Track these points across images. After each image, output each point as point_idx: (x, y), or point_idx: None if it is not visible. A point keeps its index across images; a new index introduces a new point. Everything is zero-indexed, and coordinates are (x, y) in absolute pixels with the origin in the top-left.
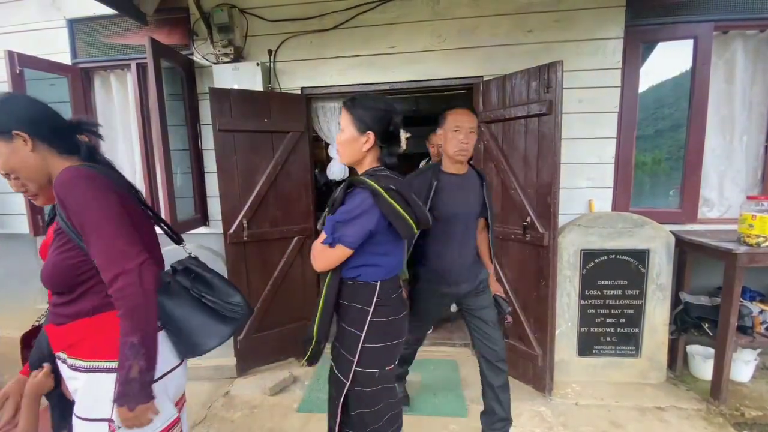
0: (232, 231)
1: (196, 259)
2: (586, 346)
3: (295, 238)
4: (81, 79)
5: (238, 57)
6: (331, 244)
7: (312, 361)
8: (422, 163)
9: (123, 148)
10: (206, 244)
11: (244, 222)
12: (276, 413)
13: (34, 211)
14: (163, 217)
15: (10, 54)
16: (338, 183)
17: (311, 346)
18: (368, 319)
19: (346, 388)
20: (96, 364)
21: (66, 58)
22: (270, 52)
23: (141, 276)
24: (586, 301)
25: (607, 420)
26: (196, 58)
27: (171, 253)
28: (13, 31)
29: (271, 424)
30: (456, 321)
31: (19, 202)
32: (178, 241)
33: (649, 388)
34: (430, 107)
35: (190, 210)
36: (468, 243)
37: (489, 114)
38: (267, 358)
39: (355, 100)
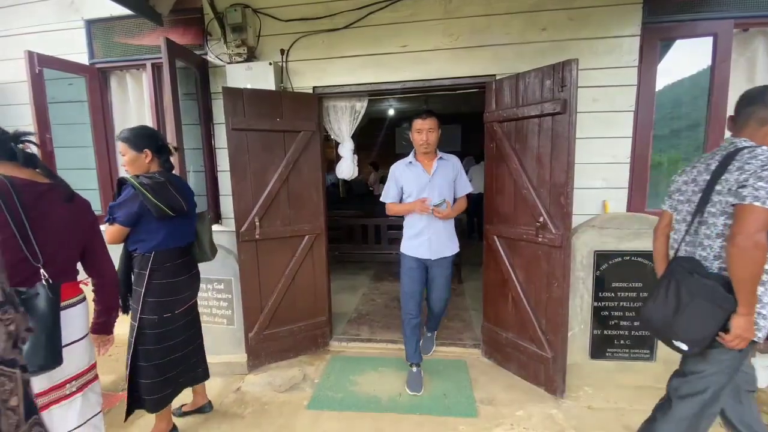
0: (244, 229)
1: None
2: (599, 349)
3: (306, 237)
4: (98, 78)
5: (251, 57)
6: (111, 223)
7: (124, 310)
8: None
9: None
10: (219, 242)
11: (256, 220)
12: (286, 410)
13: None
14: None
15: (30, 54)
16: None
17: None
18: (145, 280)
19: (135, 329)
20: None
21: (84, 59)
22: (282, 51)
23: None
24: (599, 303)
25: (621, 424)
26: (210, 57)
27: None
28: (32, 31)
29: (281, 421)
30: (466, 322)
31: None
32: (37, 261)
33: (663, 392)
34: (441, 106)
35: (203, 208)
36: None
37: (501, 113)
38: (277, 356)
39: (123, 132)
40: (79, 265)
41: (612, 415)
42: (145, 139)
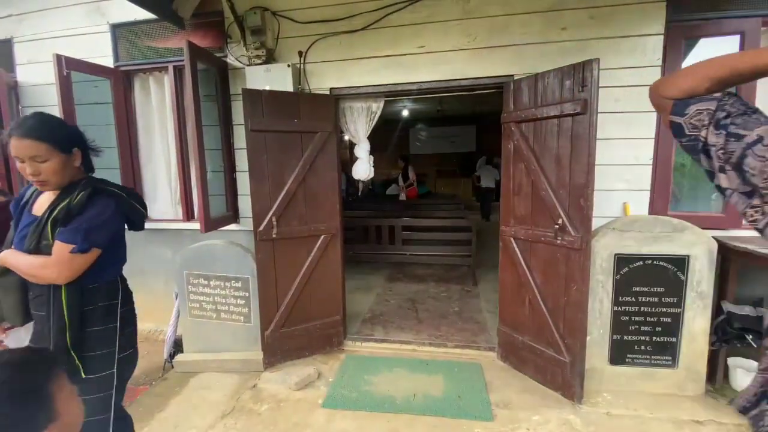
0: (261, 228)
1: None
2: (618, 354)
3: (322, 236)
4: (122, 80)
5: (270, 59)
6: (85, 251)
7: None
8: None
9: (160, 147)
10: (237, 241)
11: (274, 220)
12: (301, 408)
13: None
14: (196, 212)
15: (59, 57)
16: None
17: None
18: (118, 310)
19: (114, 378)
20: None
21: (109, 61)
22: (300, 53)
23: None
24: (619, 308)
25: None
26: (230, 60)
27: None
28: (61, 35)
29: (296, 419)
30: (481, 324)
31: None
32: None
33: (686, 400)
34: (455, 107)
35: (222, 207)
36: None
37: (520, 113)
38: (293, 354)
39: (28, 126)
40: None
41: (632, 422)
42: (71, 135)
